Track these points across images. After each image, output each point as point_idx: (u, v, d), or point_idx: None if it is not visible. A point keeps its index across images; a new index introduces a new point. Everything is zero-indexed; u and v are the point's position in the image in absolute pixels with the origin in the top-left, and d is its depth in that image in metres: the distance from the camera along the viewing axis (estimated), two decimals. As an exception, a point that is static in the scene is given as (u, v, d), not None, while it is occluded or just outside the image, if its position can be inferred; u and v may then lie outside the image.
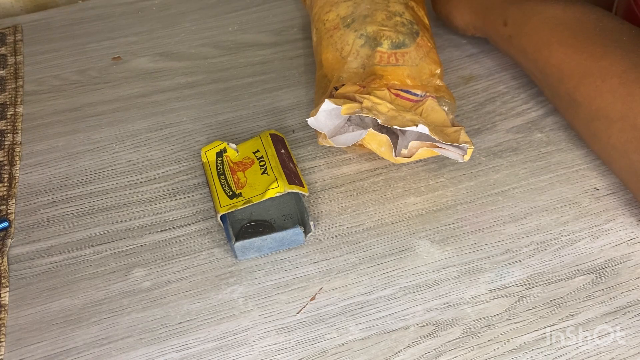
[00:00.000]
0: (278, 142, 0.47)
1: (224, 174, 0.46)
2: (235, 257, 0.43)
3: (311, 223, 0.43)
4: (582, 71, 0.44)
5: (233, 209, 0.43)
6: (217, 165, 0.47)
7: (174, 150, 0.51)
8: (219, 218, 0.44)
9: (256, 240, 0.42)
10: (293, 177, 0.44)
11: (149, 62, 0.59)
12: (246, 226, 0.44)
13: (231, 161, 0.47)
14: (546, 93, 0.50)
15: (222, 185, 0.45)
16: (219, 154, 0.47)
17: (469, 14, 0.54)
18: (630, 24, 0.46)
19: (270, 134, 0.48)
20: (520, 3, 0.49)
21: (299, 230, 0.42)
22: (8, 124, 0.53)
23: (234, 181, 0.45)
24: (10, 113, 0.54)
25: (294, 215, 0.44)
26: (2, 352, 0.38)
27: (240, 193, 0.44)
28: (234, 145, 0.48)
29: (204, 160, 0.48)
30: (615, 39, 0.44)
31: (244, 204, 0.43)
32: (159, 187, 0.48)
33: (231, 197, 0.44)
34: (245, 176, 0.45)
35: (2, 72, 0.58)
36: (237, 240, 0.42)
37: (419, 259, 0.42)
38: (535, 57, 0.48)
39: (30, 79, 0.58)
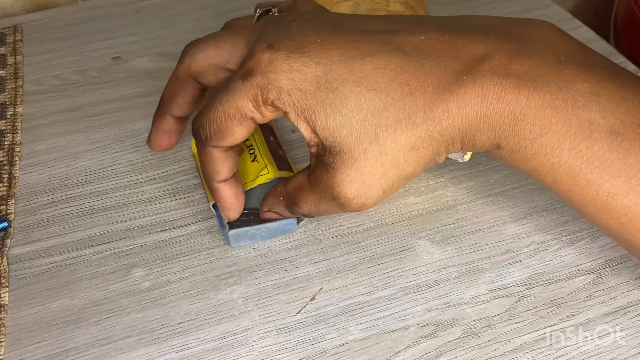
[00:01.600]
0: (267, 130, 0.48)
1: None
2: (229, 244, 0.43)
3: None
4: (600, 207, 0.35)
5: None
6: None
7: (174, 150, 0.51)
8: (211, 206, 0.44)
9: (250, 229, 0.42)
10: (282, 163, 0.45)
11: (149, 62, 0.59)
12: (241, 213, 0.44)
13: None
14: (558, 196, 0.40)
15: None
16: None
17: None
18: None
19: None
20: (518, 114, 0.34)
21: (291, 220, 0.42)
22: (8, 124, 0.53)
23: None
24: (10, 113, 0.54)
25: None
26: (1, 352, 0.38)
27: None
28: None
29: (194, 151, 0.48)
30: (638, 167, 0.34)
31: None
32: (159, 187, 0.48)
33: None
34: None
35: (1, 72, 0.58)
36: (231, 228, 0.42)
37: (419, 259, 0.42)
38: (537, 179, 0.37)
39: (30, 79, 0.58)
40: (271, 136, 0.47)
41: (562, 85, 0.34)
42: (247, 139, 0.47)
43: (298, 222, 0.43)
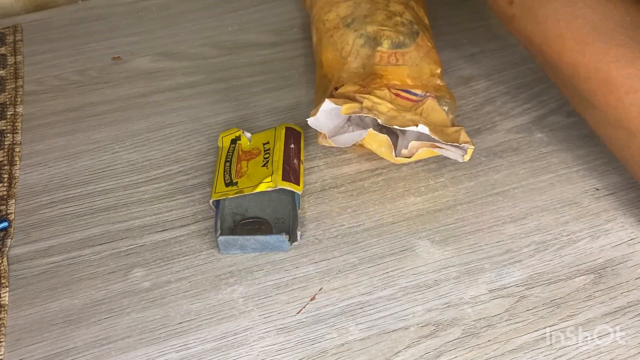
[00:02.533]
0: (291, 136, 0.48)
1: (230, 160, 0.46)
2: (218, 250, 0.43)
3: (298, 233, 0.43)
4: (603, 78, 0.37)
5: (224, 197, 0.43)
6: (228, 152, 0.47)
7: (174, 150, 0.51)
8: (211, 203, 0.44)
9: (239, 239, 0.42)
10: (291, 173, 0.44)
11: (149, 62, 0.59)
12: (242, 222, 0.44)
13: (242, 149, 0.47)
14: (551, 78, 0.44)
15: (224, 171, 0.46)
16: (234, 141, 0.48)
17: None
18: None
19: (287, 127, 0.48)
20: None
21: (283, 237, 0.42)
22: (8, 124, 0.53)
23: (237, 169, 0.45)
24: (10, 113, 0.54)
25: (287, 220, 0.44)
26: (2, 352, 0.38)
27: (237, 182, 0.44)
28: (248, 135, 0.48)
29: (220, 145, 0.48)
30: None
31: (235, 193, 0.43)
32: (159, 187, 0.48)
33: (227, 185, 0.44)
34: (247, 166, 0.45)
35: (2, 72, 0.58)
36: (221, 234, 0.42)
37: (419, 259, 0.42)
38: (543, 49, 0.40)
39: (30, 79, 0.58)
40: (292, 143, 0.47)
41: None
42: (268, 142, 0.47)
43: (290, 242, 0.43)
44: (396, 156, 0.46)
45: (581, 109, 0.42)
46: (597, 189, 0.46)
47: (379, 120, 0.44)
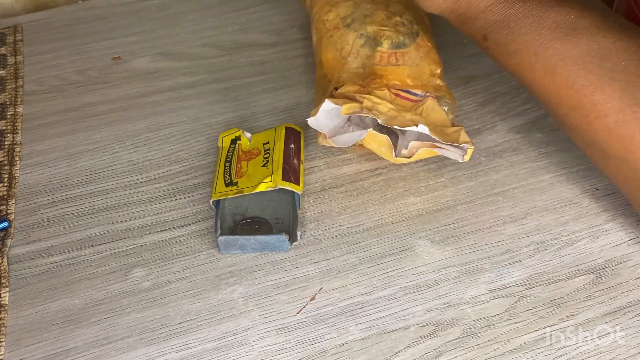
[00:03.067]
0: (291, 136, 0.48)
1: (230, 161, 0.46)
2: (218, 250, 0.43)
3: (298, 233, 0.43)
4: (572, 103, 0.38)
5: (224, 197, 0.44)
6: (228, 152, 0.47)
7: (174, 150, 0.51)
8: (211, 203, 0.44)
9: (239, 239, 0.42)
10: (291, 173, 0.44)
11: (149, 62, 0.59)
12: (242, 222, 0.44)
13: (242, 149, 0.47)
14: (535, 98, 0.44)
15: (224, 171, 0.46)
16: (234, 141, 0.48)
17: (441, 4, 0.43)
18: (632, 37, 0.39)
19: (287, 127, 0.48)
20: (505, 15, 0.40)
21: (283, 237, 0.42)
22: (8, 124, 0.53)
23: (236, 170, 0.45)
24: (10, 113, 0.54)
25: (287, 220, 0.44)
26: (2, 352, 0.38)
27: (237, 182, 0.44)
28: (248, 135, 0.48)
29: (220, 145, 0.48)
30: (611, 67, 0.37)
31: (235, 193, 0.43)
32: (159, 187, 0.48)
33: (227, 185, 0.44)
34: (247, 166, 0.45)
35: (2, 72, 0.58)
36: (221, 234, 0.42)
37: (419, 259, 0.42)
38: (516, 77, 0.41)
39: (30, 79, 0.58)
40: (292, 143, 0.47)
41: (559, 2, 0.39)
42: (268, 142, 0.47)
43: (290, 242, 0.43)
44: (396, 156, 0.46)
45: (561, 127, 0.43)
46: (597, 189, 0.46)
47: (379, 120, 0.44)
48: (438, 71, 0.48)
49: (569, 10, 0.39)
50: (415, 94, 0.46)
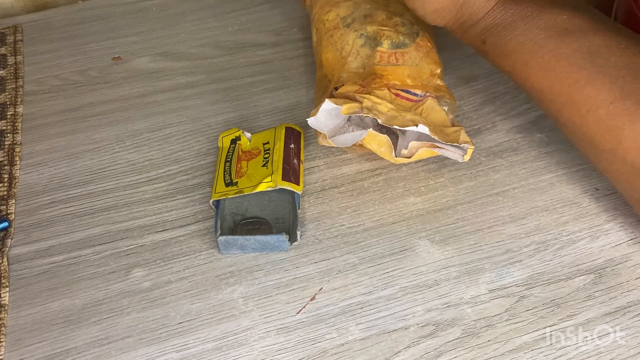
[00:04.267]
0: (291, 135, 0.48)
1: (230, 161, 0.46)
2: (219, 251, 0.43)
3: (298, 233, 0.43)
4: (565, 98, 0.40)
5: (224, 197, 0.44)
6: (228, 152, 0.47)
7: (174, 150, 0.51)
8: (211, 203, 0.44)
9: (239, 239, 0.42)
10: (291, 173, 0.44)
11: (149, 62, 0.59)
12: (242, 222, 0.44)
13: (242, 149, 0.47)
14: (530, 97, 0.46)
15: (224, 171, 0.46)
16: (234, 141, 0.48)
17: (445, 15, 0.45)
18: (621, 36, 0.40)
19: (286, 127, 0.48)
20: (502, 19, 0.43)
21: (283, 237, 0.42)
22: (8, 124, 0.53)
23: (236, 170, 0.45)
24: (10, 113, 0.54)
25: (287, 220, 0.44)
26: (2, 352, 0.38)
27: (237, 182, 0.44)
28: (248, 135, 0.48)
29: (220, 145, 0.48)
30: (602, 63, 0.39)
31: (235, 193, 0.43)
32: (159, 187, 0.48)
33: (227, 185, 0.44)
34: (247, 166, 0.45)
35: (2, 72, 0.58)
36: (221, 234, 0.42)
37: (419, 259, 0.42)
38: (512, 76, 0.44)
39: (30, 79, 0.58)
40: (292, 143, 0.47)
41: (552, 3, 0.42)
42: (268, 142, 0.47)
43: (290, 242, 0.43)
44: (396, 156, 0.46)
45: (555, 124, 0.44)
46: (597, 189, 0.46)
47: (379, 120, 0.44)
48: (438, 71, 0.48)
49: (560, 12, 0.41)
50: (415, 94, 0.46)
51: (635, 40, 0.40)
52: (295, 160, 0.46)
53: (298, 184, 0.44)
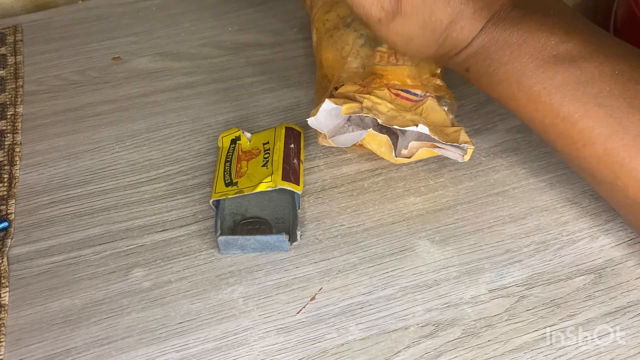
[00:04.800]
0: (291, 135, 0.48)
1: (230, 161, 0.46)
2: (219, 250, 0.43)
3: (298, 233, 0.43)
4: (559, 132, 0.38)
5: (224, 197, 0.44)
6: (228, 152, 0.47)
7: (174, 150, 0.51)
8: (211, 203, 0.44)
9: (239, 239, 0.42)
10: (291, 173, 0.44)
11: (149, 62, 0.59)
12: (242, 222, 0.44)
13: (242, 149, 0.47)
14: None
15: (224, 171, 0.46)
16: (234, 141, 0.48)
17: (426, 52, 0.42)
18: (614, 59, 0.37)
19: (286, 127, 0.48)
20: (486, 46, 0.39)
21: (283, 237, 0.42)
22: (8, 124, 0.53)
23: (236, 170, 0.45)
24: (10, 113, 0.54)
25: (287, 220, 0.44)
26: (2, 352, 0.38)
27: (237, 182, 0.44)
28: (248, 135, 0.48)
29: (220, 145, 0.48)
30: (596, 93, 0.36)
31: (235, 193, 0.43)
32: (159, 187, 0.48)
33: (227, 185, 0.44)
34: (247, 166, 0.46)
35: (2, 72, 0.58)
36: (221, 234, 0.42)
37: (419, 259, 0.42)
38: (502, 104, 0.41)
39: (30, 79, 0.58)
40: (292, 143, 0.47)
41: (540, 28, 0.38)
42: (268, 142, 0.47)
43: (290, 242, 0.43)
44: (396, 156, 0.46)
45: (551, 151, 0.43)
46: (597, 189, 0.46)
47: (379, 120, 0.44)
48: (438, 71, 0.48)
49: (549, 36, 0.37)
50: (415, 94, 0.46)
51: (629, 63, 0.37)
52: (295, 160, 0.46)
53: (298, 184, 0.44)
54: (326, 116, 0.45)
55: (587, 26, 0.39)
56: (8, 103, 0.55)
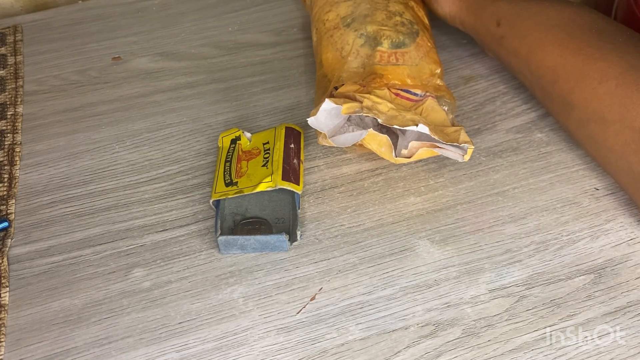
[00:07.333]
0: (291, 135, 0.48)
1: (230, 160, 0.46)
2: (219, 250, 0.43)
3: (298, 233, 0.43)
4: (578, 73, 0.44)
5: (224, 197, 0.44)
6: (228, 152, 0.47)
7: (174, 150, 0.51)
8: (211, 203, 0.44)
9: (239, 239, 0.42)
10: (291, 173, 0.44)
11: (149, 62, 0.59)
12: (242, 222, 0.44)
13: (242, 149, 0.47)
14: (537, 95, 0.49)
15: (224, 171, 0.46)
16: (234, 141, 0.48)
17: (459, 7, 0.52)
18: (625, 27, 0.45)
19: (286, 127, 0.48)
20: (514, 3, 0.48)
21: (283, 237, 0.42)
22: (8, 124, 0.53)
23: (236, 169, 0.45)
24: (10, 113, 0.54)
25: (287, 220, 0.44)
26: (2, 352, 0.38)
27: (237, 182, 0.44)
28: (248, 134, 0.48)
29: (220, 145, 0.48)
30: (611, 41, 0.44)
31: (235, 193, 0.43)
32: (159, 187, 0.48)
33: (227, 185, 0.44)
34: (247, 166, 0.46)
35: (2, 72, 0.58)
36: (221, 234, 0.42)
37: (419, 259, 0.42)
38: (528, 59, 0.47)
39: (30, 79, 0.58)
40: (292, 143, 0.47)
41: None
42: (268, 142, 0.47)
43: (290, 242, 0.43)
44: (396, 156, 0.46)
45: (563, 116, 0.46)
46: (597, 189, 0.46)
47: (379, 120, 0.44)
48: (438, 71, 0.48)
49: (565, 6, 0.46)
50: (415, 94, 0.46)
51: (631, 31, 0.45)
52: (295, 160, 0.46)
53: (298, 184, 0.44)
54: (326, 116, 0.45)
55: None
56: (8, 103, 0.55)
